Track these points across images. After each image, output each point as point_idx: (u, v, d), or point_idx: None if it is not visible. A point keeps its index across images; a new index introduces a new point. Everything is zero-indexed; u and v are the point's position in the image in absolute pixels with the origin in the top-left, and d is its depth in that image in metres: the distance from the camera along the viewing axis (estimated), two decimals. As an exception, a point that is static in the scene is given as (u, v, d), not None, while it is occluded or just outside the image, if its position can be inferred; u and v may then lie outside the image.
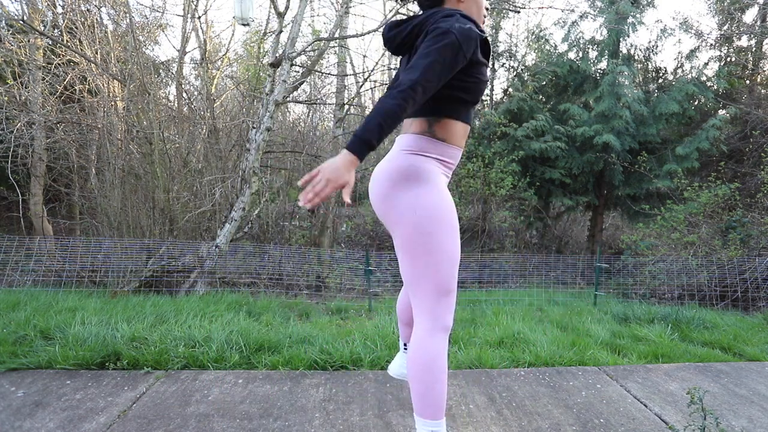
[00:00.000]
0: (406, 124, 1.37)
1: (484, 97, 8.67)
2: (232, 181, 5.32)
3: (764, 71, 8.88)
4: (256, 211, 5.70)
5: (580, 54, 8.36)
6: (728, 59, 8.58)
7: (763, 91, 8.92)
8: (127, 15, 6.08)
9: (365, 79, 8.16)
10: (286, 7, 5.16)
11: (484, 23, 1.40)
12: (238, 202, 4.83)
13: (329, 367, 2.26)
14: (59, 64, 5.78)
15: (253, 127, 4.97)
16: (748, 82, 8.71)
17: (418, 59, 1.14)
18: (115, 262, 4.31)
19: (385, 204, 1.31)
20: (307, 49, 5.84)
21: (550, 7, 14.83)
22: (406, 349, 1.70)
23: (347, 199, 1.04)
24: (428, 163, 1.30)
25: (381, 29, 5.84)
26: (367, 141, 1.08)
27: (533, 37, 8.83)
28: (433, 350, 1.25)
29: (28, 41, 5.91)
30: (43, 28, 6.20)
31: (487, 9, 1.42)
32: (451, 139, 1.32)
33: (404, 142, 1.33)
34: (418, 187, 1.27)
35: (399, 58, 1.45)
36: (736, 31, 8.57)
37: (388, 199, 1.29)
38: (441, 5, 1.33)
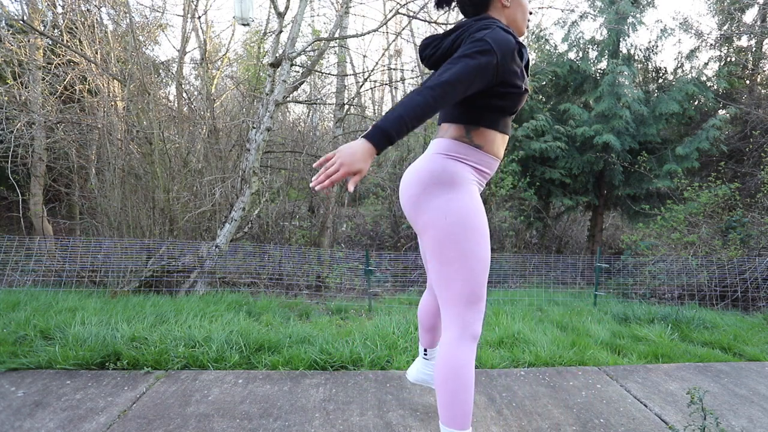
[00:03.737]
0: (443, 128, 1.32)
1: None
2: (232, 181, 5.31)
3: (764, 71, 8.87)
4: (256, 211, 5.70)
5: (580, 54, 8.36)
6: (728, 59, 8.57)
7: (763, 91, 8.91)
8: (127, 15, 6.08)
9: (365, 79, 8.16)
10: (286, 7, 5.16)
11: (528, 27, 1.38)
12: (238, 202, 4.83)
13: (329, 367, 2.26)
14: (59, 64, 5.78)
15: (253, 127, 4.97)
16: (748, 82, 8.70)
17: (453, 62, 1.11)
18: (115, 262, 4.30)
19: (415, 207, 1.27)
20: (307, 49, 5.83)
21: (550, 7, 14.87)
22: (426, 354, 1.67)
23: (351, 188, 1.01)
24: (462, 168, 1.26)
25: (380, 28, 5.84)
26: (386, 132, 1.03)
27: (533, 37, 8.82)
28: (460, 358, 1.23)
29: (28, 41, 5.90)
30: (43, 28, 6.19)
31: (531, 13, 1.39)
32: (488, 147, 1.28)
33: (440, 145, 1.29)
34: (450, 192, 1.23)
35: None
36: (736, 31, 8.56)
37: (418, 202, 1.25)
38: (486, 11, 1.30)
